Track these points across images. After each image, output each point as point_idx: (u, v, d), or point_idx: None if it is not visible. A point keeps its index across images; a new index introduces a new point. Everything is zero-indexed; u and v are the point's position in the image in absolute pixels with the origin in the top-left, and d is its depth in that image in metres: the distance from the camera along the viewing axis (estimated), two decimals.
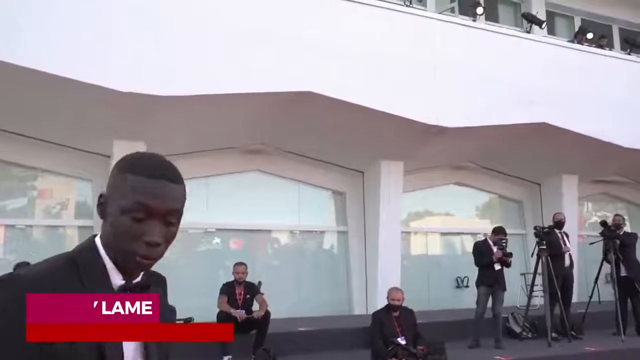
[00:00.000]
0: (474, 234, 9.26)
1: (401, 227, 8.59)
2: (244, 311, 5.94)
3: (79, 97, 5.95)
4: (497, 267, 6.71)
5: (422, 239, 9.72)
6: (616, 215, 7.79)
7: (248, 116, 7.07)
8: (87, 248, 1.08)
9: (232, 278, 6.30)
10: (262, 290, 6.63)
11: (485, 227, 8.92)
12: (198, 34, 6.24)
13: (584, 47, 9.34)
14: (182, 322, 6.05)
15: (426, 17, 7.96)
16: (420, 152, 8.07)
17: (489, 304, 6.68)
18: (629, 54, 9.83)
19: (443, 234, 9.83)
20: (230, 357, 5.61)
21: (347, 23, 7.05)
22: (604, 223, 7.38)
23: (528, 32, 9.26)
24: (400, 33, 7.39)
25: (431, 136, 7.56)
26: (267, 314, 5.90)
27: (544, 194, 9.90)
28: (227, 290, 6.16)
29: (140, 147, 6.84)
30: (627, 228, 10.54)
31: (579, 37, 9.82)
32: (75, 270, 1.04)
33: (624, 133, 8.72)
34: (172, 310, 6.53)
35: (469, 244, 8.81)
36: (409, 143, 7.78)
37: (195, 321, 6.41)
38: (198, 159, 7.71)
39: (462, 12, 9.46)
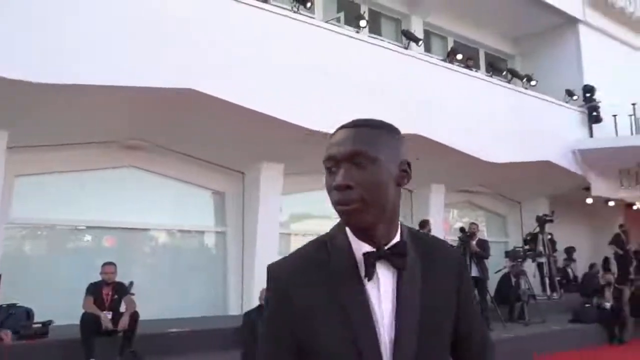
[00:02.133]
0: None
1: (281, 229, 8.74)
2: (110, 313, 5.72)
3: None
4: None
5: (302, 241, 9.92)
6: (472, 223, 8.61)
7: (126, 110, 6.81)
8: (337, 223, 1.17)
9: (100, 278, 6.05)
10: (134, 290, 6.44)
11: None
12: (75, 21, 5.88)
13: (454, 67, 10.12)
14: (40, 325, 5.71)
15: (313, 25, 8.16)
16: (301, 156, 8.25)
17: None
18: (491, 76, 10.86)
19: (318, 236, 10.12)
20: None
21: (235, 23, 7.03)
22: (462, 229, 8.14)
23: (406, 48, 9.87)
24: (287, 37, 7.50)
25: (313, 141, 7.77)
26: (136, 315, 5.74)
27: (414, 201, 10.61)
28: (94, 290, 5.91)
29: (2, 137, 6.34)
30: (485, 234, 11.68)
31: (450, 57, 10.65)
32: (324, 246, 1.14)
33: (488, 148, 9.58)
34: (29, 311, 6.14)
35: None
36: (290, 146, 7.93)
37: (56, 324, 6.07)
38: (69, 151, 7.29)
39: (347, 22, 9.81)
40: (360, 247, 1.11)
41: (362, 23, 9.21)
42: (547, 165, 10.76)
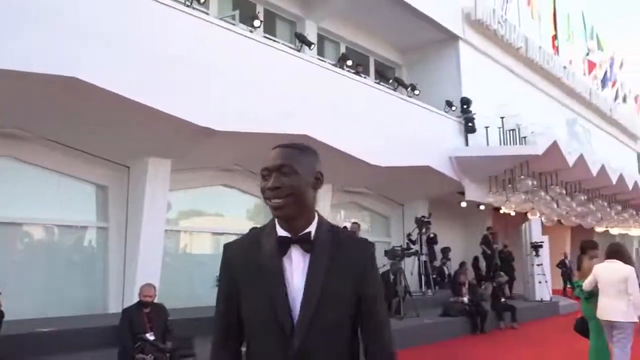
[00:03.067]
0: (239, 234, 9.64)
1: (167, 225, 8.59)
2: None
3: None
4: None
5: (188, 237, 9.84)
6: (353, 223, 9.03)
7: (1, 96, 6.35)
8: (272, 217, 1.58)
9: None
10: (1, 289, 6.03)
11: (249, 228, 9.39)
12: None
13: (345, 72, 10.52)
14: None
15: (207, 21, 8.10)
16: (189, 152, 8.18)
17: None
18: (379, 83, 11.43)
19: (208, 233, 10.07)
20: None
21: (124, 13, 6.81)
22: (344, 228, 8.52)
23: (299, 50, 10.10)
24: (179, 33, 7.39)
25: (200, 137, 7.73)
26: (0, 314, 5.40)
27: None
28: None
29: None
30: (369, 233, 12.24)
31: (341, 62, 11.05)
32: (261, 232, 1.59)
33: (374, 151, 10.06)
34: None
35: None
36: (178, 142, 7.83)
37: None
38: None
39: (242, 21, 9.83)
40: (281, 233, 1.53)
41: (256, 23, 9.30)
42: (427, 170, 11.55)
